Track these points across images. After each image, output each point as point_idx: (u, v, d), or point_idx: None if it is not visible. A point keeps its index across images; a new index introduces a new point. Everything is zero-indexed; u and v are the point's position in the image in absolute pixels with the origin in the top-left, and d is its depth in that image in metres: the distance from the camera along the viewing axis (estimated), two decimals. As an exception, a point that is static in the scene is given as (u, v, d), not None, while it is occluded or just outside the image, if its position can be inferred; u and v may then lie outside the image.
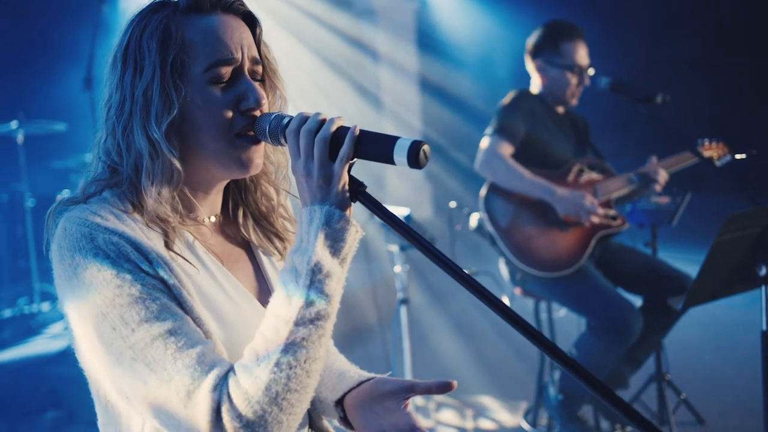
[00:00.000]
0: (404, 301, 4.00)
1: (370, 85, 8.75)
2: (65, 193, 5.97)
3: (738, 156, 3.87)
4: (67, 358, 4.87)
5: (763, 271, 2.87)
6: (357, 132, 1.40)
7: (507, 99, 4.14)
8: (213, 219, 1.66)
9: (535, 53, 4.16)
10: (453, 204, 4.62)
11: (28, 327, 5.70)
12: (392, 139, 1.37)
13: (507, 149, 3.95)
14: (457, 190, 8.42)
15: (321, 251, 1.37)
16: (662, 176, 3.99)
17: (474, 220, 4.18)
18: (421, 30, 9.48)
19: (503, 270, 4.15)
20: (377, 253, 5.49)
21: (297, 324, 1.34)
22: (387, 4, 9.09)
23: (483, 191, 4.08)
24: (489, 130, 4.03)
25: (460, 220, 4.56)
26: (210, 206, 1.65)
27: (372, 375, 1.78)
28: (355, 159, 1.42)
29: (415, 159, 1.35)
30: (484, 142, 4.00)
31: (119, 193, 1.50)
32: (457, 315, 6.64)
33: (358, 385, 1.75)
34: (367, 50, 8.87)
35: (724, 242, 2.85)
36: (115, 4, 6.67)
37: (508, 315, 1.31)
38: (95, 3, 5.84)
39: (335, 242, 1.39)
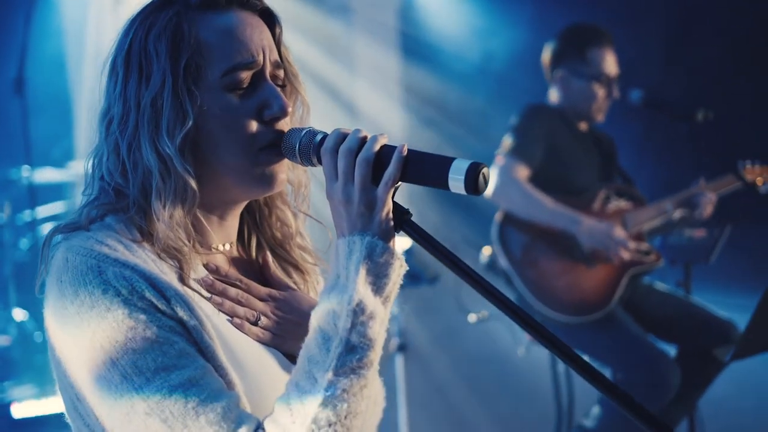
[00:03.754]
0: (401, 348, 4.03)
1: (344, 98, 8.78)
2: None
3: None
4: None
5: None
6: (405, 152, 1.44)
7: (523, 113, 4.22)
8: (228, 247, 1.69)
9: (557, 62, 4.24)
10: (458, 238, 4.67)
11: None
12: (447, 161, 1.42)
13: (523, 172, 4.02)
14: (450, 219, 8.45)
15: (363, 289, 1.40)
16: (710, 200, 4.08)
17: (485, 255, 4.22)
18: (405, 31, 9.55)
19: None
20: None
21: (337, 373, 1.36)
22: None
23: (497, 221, 4.13)
24: (502, 150, 4.09)
25: (468, 256, 4.61)
26: (225, 233, 1.67)
27: None
28: (400, 183, 1.46)
29: (473, 183, 1.39)
30: (497, 165, 4.07)
31: (125, 220, 1.52)
32: (464, 365, 6.64)
33: None
34: (341, 55, 8.90)
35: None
36: (48, -7, 6.66)
37: (572, 357, 1.41)
38: (26, -7, 5.83)
39: (378, 278, 1.42)
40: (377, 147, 1.45)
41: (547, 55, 4.31)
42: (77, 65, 6.54)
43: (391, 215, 1.45)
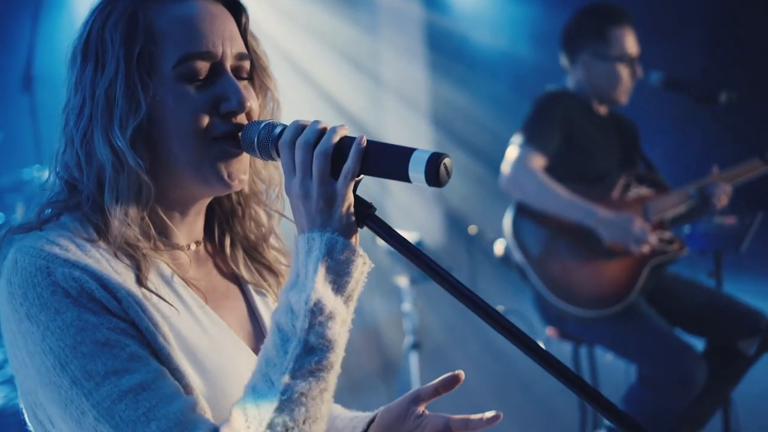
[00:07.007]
0: (415, 346, 4.02)
1: (370, 84, 8.81)
2: (-1, 218, 5.99)
3: None
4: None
5: None
6: (364, 143, 1.42)
7: (539, 100, 4.18)
8: (194, 246, 1.68)
9: (577, 45, 4.18)
10: (473, 229, 4.64)
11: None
12: (407, 152, 1.40)
13: (539, 162, 3.98)
14: (476, 209, 8.43)
15: (322, 288, 1.39)
16: (725, 191, 4.02)
17: (500, 248, 4.19)
18: (430, 16, 9.57)
19: (535, 307, 4.17)
20: (381, 286, 5.48)
21: (294, 376, 1.36)
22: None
23: (510, 213, 4.11)
24: (517, 138, 4.06)
25: (483, 247, 4.58)
26: (189, 231, 1.67)
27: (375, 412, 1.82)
28: (361, 176, 1.44)
29: (434, 175, 1.37)
30: (512, 154, 4.03)
31: (80, 217, 1.52)
32: (481, 362, 6.63)
33: (368, 425, 1.78)
34: (369, 46, 8.93)
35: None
36: (60, -14, 6.72)
37: (542, 357, 1.34)
38: (36, -15, 5.88)
39: (339, 277, 1.41)
40: (336, 139, 1.43)
41: (564, 37, 4.26)
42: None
43: (352, 210, 1.43)
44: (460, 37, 9.54)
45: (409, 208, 8.11)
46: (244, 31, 1.64)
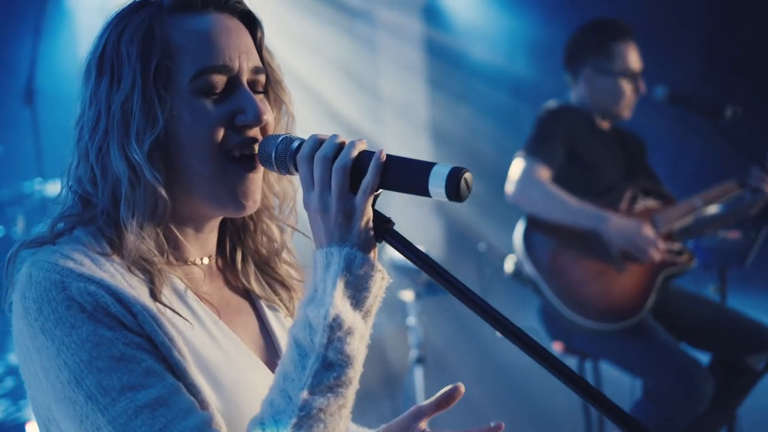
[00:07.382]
0: (419, 361, 4.00)
1: (370, 98, 8.83)
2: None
3: None
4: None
5: None
6: (383, 158, 1.41)
7: (542, 116, 4.17)
8: (206, 261, 1.67)
9: (580, 60, 4.18)
10: (483, 246, 4.62)
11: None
12: (426, 166, 1.39)
13: (545, 174, 3.96)
14: (476, 223, 8.42)
15: (340, 303, 1.38)
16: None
17: (509, 264, 4.17)
18: (429, 31, 9.60)
19: (542, 322, 4.15)
20: (387, 301, 5.45)
21: (312, 392, 1.34)
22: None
23: (519, 228, 4.10)
24: (521, 154, 4.06)
25: (489, 261, 4.57)
26: (202, 246, 1.65)
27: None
28: (380, 190, 1.43)
29: (455, 190, 1.36)
30: (517, 168, 4.02)
31: (94, 231, 1.51)
32: (485, 376, 6.60)
33: None
34: (368, 61, 8.95)
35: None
36: (60, 2, 6.73)
37: (556, 366, 1.35)
38: (36, 1, 5.88)
39: (357, 292, 1.40)
40: (355, 153, 1.42)
41: (566, 52, 4.25)
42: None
43: (371, 225, 1.42)
44: (458, 51, 9.56)
45: (409, 222, 8.09)
46: (259, 44, 1.64)
